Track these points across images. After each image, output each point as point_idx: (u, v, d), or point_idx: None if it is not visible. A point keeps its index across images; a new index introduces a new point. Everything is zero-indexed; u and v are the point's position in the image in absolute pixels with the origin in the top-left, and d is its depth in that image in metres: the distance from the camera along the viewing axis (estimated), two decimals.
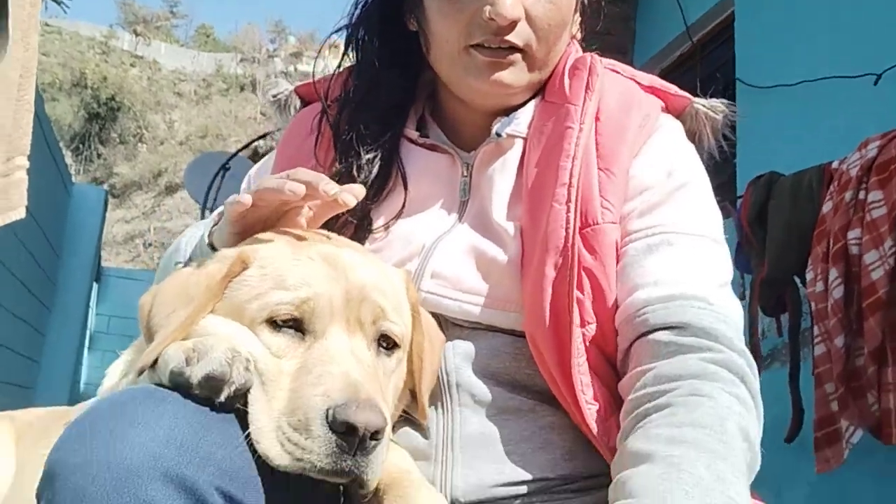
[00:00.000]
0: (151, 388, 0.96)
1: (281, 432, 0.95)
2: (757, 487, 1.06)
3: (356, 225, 1.36)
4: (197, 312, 1.03)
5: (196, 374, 0.94)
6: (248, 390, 0.98)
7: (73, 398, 7.89)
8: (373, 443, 0.95)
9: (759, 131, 4.27)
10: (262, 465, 0.95)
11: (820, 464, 3.30)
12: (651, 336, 1.17)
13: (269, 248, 1.11)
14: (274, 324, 1.04)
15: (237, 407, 0.98)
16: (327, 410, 0.94)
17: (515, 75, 1.37)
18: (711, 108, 1.46)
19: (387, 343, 1.13)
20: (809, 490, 4.40)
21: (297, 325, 1.05)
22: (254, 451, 0.95)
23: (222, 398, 0.95)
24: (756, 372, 1.16)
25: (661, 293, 1.19)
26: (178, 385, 0.96)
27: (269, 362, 1.01)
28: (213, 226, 1.26)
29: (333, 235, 1.24)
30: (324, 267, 1.09)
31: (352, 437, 0.93)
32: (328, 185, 1.12)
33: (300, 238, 1.16)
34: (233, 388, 0.95)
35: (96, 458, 0.86)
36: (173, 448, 0.88)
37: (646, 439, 1.04)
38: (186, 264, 1.28)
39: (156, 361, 1.01)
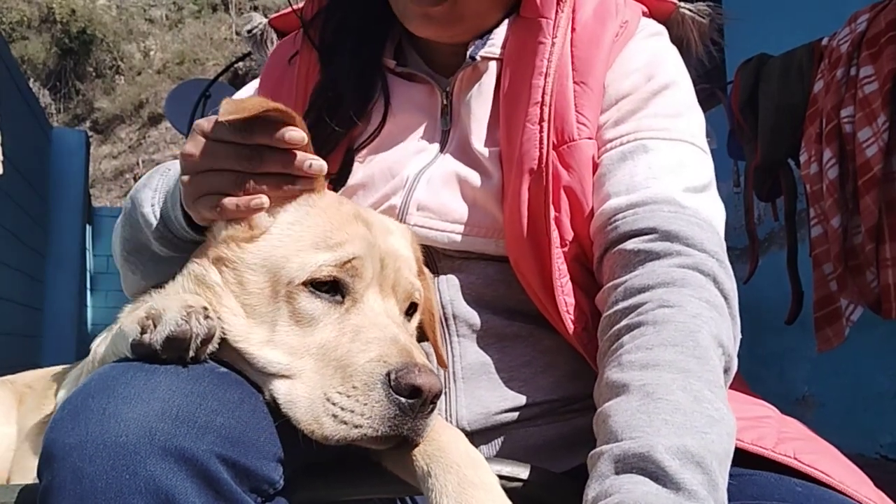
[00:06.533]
0: (140, 362, 0.94)
1: (331, 403, 0.93)
2: (760, 368, 1.05)
3: (346, 151, 1.34)
4: None
5: (156, 339, 0.92)
6: (213, 336, 0.96)
7: (81, 341, 7.96)
8: (431, 406, 0.96)
9: (747, 12, 4.16)
10: (269, 426, 0.95)
11: (821, 343, 3.34)
12: (621, 246, 1.14)
13: (299, 201, 1.07)
14: (313, 285, 1.02)
15: (229, 366, 0.97)
16: (387, 375, 0.93)
17: (446, 25, 1.31)
18: (698, 12, 1.40)
19: (409, 308, 1.13)
20: (811, 367, 4.48)
21: (333, 287, 1.03)
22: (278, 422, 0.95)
23: (192, 354, 0.94)
24: (730, 272, 1.13)
25: (631, 200, 1.16)
26: (143, 356, 0.94)
27: (286, 341, 0.99)
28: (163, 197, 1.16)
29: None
30: (362, 227, 1.06)
31: (415, 401, 0.94)
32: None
33: (322, 195, 1.12)
34: (199, 340, 0.94)
35: (91, 437, 0.85)
36: (169, 421, 0.87)
37: (619, 368, 1.03)
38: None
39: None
